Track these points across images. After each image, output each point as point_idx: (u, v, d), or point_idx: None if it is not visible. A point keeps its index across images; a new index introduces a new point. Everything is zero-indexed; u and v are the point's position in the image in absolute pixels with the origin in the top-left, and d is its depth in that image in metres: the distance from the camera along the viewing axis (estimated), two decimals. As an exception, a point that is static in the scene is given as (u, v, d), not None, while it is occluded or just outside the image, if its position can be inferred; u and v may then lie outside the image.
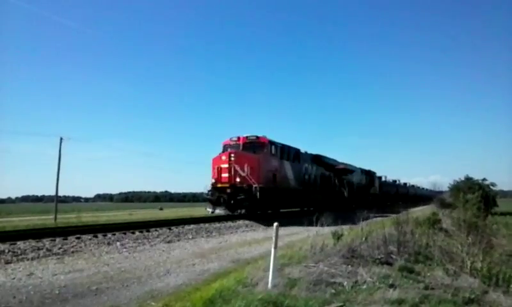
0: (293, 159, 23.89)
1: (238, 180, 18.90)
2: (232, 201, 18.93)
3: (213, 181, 19.79)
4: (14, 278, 6.78)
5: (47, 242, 10.22)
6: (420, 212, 24.41)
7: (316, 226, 8.58)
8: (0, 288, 6.12)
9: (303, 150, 26.64)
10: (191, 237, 13.00)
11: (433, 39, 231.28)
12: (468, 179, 34.32)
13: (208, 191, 19.91)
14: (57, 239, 10.77)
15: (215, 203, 19.48)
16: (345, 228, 9.05)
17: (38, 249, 9.49)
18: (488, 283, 7.58)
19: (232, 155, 19.48)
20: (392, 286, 5.93)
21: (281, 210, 22.99)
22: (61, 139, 26.74)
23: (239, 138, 20.99)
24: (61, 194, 36.59)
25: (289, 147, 23.78)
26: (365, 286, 5.83)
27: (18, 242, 10.02)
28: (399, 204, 47.21)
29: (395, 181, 60.82)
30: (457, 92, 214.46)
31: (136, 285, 6.45)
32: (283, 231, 13.85)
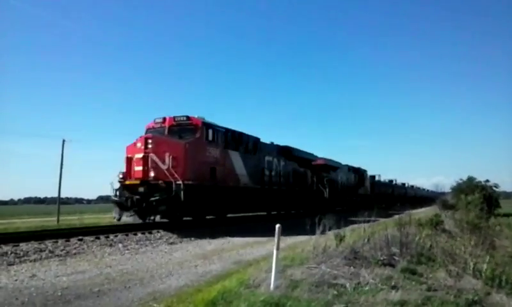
0: (246, 150, 18.86)
1: (153, 174, 14.02)
2: (144, 204, 13.78)
3: (121, 176, 14.94)
4: (16, 280, 6.79)
5: (49, 244, 10.25)
6: (422, 214, 24.31)
7: (318, 228, 8.55)
8: (3, 290, 6.13)
9: (267, 141, 22.07)
10: (193, 239, 13.00)
11: (434, 40, 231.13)
12: (471, 180, 34.19)
13: (116, 190, 14.93)
14: (60, 241, 10.79)
15: (122, 207, 14.34)
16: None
17: (41, 250, 9.51)
18: (491, 284, 7.55)
19: (150, 141, 14.38)
20: (394, 287, 5.91)
21: (228, 215, 18.07)
22: (64, 141, 26.88)
23: (164, 119, 15.86)
24: (63, 195, 36.69)
25: (241, 134, 18.68)
26: (367, 288, 5.81)
27: (21, 244, 10.05)
28: (397, 207, 45.43)
29: (391, 181, 57.87)
30: (460, 93, 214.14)
31: (138, 287, 6.46)
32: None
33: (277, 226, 5.89)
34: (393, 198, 53.95)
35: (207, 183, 15.45)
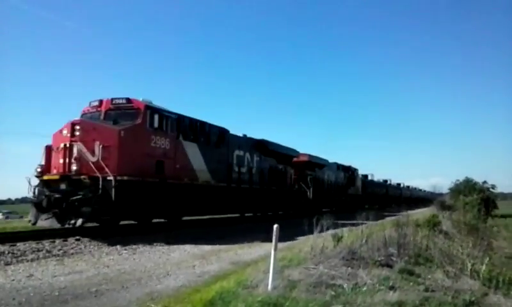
0: (208, 142, 16.36)
1: (75, 167, 11.50)
2: (65, 204, 11.15)
3: (39, 170, 12.44)
4: (14, 279, 6.76)
5: (46, 244, 10.22)
6: (417, 215, 24.28)
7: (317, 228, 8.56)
8: (0, 290, 6.11)
9: (238, 133, 19.59)
10: (191, 239, 12.97)
11: (433, 40, 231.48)
12: (468, 181, 34.30)
13: (34, 187, 12.32)
14: (57, 241, 10.76)
15: (39, 208, 11.66)
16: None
17: (38, 250, 9.48)
18: (489, 285, 7.58)
19: (77, 127, 11.95)
20: (392, 288, 5.93)
21: (183, 218, 15.77)
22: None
23: (100, 102, 13.28)
24: (61, 195, 36.43)
25: (202, 123, 16.16)
26: (365, 288, 5.83)
27: (18, 244, 10.02)
28: (391, 208, 43.96)
29: (385, 181, 55.83)
30: (458, 94, 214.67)
31: (135, 287, 6.44)
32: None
33: (275, 226, 5.90)
34: (387, 199, 51.89)
35: (150, 180, 12.93)
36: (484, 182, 33.68)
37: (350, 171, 36.86)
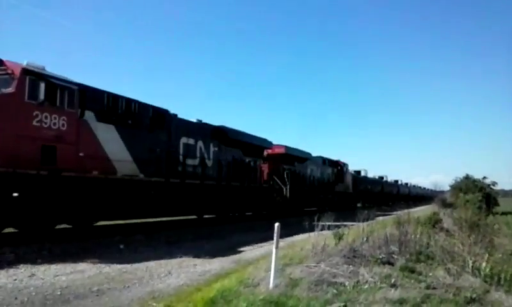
0: (137, 125, 12.92)
1: None
2: None
3: None
4: (16, 279, 6.77)
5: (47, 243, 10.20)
6: (417, 213, 24.19)
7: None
8: (2, 290, 6.12)
9: (191, 118, 16.58)
10: (191, 238, 12.99)
11: (432, 37, 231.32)
12: (468, 178, 34.29)
13: None
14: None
15: None
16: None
17: (40, 250, 9.47)
18: (490, 282, 7.58)
19: None
20: (393, 285, 5.95)
21: (95, 224, 12.31)
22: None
23: None
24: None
25: (127, 101, 12.77)
26: (366, 286, 5.85)
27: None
28: (387, 207, 41.58)
29: (381, 177, 53.27)
30: (458, 90, 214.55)
31: (137, 286, 6.46)
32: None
33: (276, 224, 5.91)
34: (383, 197, 49.08)
35: (31, 172, 9.48)
36: (484, 178, 33.69)
37: (338, 166, 33.59)
